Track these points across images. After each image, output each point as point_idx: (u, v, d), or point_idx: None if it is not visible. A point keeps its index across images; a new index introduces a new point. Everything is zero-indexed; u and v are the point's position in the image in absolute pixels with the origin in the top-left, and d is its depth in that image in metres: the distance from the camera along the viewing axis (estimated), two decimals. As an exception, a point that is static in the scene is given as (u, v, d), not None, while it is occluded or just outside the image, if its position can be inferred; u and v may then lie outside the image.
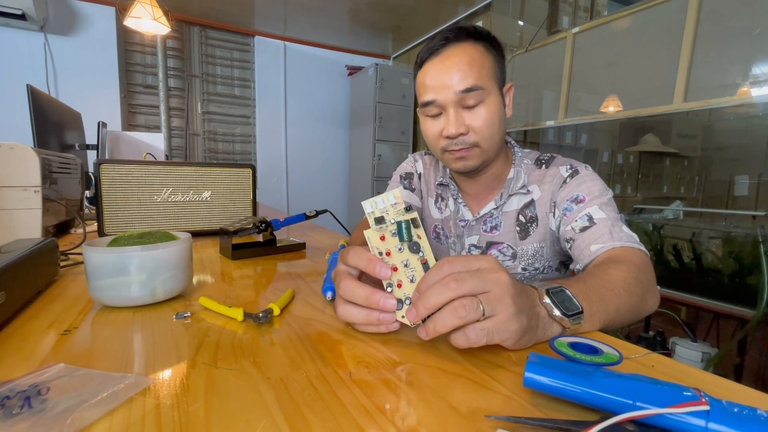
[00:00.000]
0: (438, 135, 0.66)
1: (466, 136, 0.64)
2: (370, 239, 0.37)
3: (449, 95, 0.62)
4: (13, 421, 0.24)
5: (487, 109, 0.63)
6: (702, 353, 1.47)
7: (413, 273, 0.36)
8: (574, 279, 0.45)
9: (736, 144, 2.66)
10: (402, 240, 0.36)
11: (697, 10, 1.61)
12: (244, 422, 0.25)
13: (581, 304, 0.38)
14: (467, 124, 0.64)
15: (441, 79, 0.62)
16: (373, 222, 0.37)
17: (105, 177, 0.80)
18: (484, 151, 0.66)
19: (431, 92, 0.64)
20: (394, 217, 0.37)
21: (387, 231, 0.37)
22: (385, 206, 0.37)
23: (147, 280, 0.44)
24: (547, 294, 0.38)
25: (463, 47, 0.63)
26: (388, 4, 2.92)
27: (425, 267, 0.36)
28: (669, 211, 2.35)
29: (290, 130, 3.67)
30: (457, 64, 0.62)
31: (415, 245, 0.37)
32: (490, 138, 0.65)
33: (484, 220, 0.74)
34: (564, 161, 0.71)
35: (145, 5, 2.13)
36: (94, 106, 2.76)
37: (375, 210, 0.37)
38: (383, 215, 0.37)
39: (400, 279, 0.36)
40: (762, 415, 0.22)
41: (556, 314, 0.37)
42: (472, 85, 0.61)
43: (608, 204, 0.62)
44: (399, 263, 0.37)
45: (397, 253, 0.37)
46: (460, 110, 0.63)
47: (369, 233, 0.37)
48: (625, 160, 3.05)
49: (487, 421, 0.26)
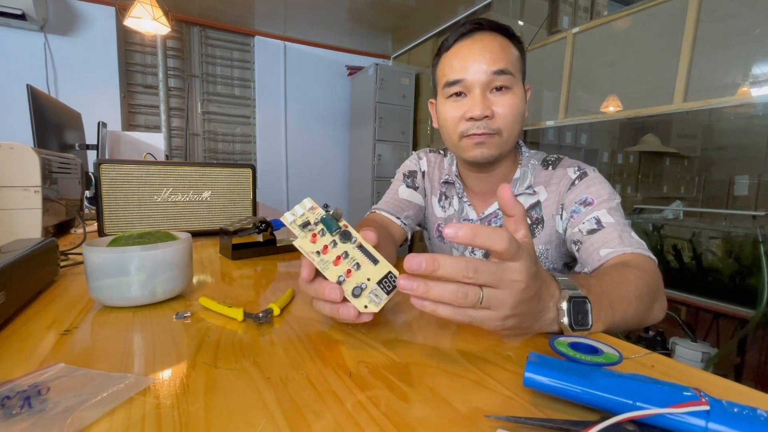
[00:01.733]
0: (459, 118, 0.65)
1: (491, 120, 0.63)
2: (302, 247, 0.38)
3: (479, 75, 0.61)
4: (13, 421, 0.24)
5: (514, 96, 0.63)
6: (702, 353, 1.47)
7: (355, 260, 0.37)
8: (593, 278, 0.44)
9: (736, 144, 2.66)
10: (331, 231, 0.38)
11: (697, 10, 1.61)
12: (244, 422, 0.25)
13: (592, 320, 0.38)
14: (493, 109, 0.63)
15: (473, 57, 0.62)
16: (299, 229, 0.38)
17: (105, 177, 0.80)
18: (504, 141, 0.65)
19: (459, 71, 0.63)
20: (316, 217, 0.39)
21: (316, 231, 0.38)
22: (303, 212, 0.39)
23: (147, 280, 0.44)
24: (568, 301, 0.37)
25: (494, 36, 0.63)
26: (388, 4, 2.92)
27: (362, 250, 0.37)
28: (669, 211, 2.35)
29: (290, 130, 3.67)
30: (489, 46, 0.62)
31: (346, 233, 0.38)
32: (512, 127, 0.64)
33: (489, 220, 0.73)
34: (572, 163, 0.70)
35: (145, 5, 2.13)
36: (94, 106, 2.75)
37: (297, 218, 0.38)
38: (306, 220, 0.38)
39: (347, 268, 0.37)
40: (762, 415, 0.22)
41: (564, 321, 0.37)
42: (504, 68, 0.61)
43: (616, 209, 0.62)
44: (339, 254, 0.37)
45: (333, 248, 0.38)
46: (486, 93, 0.63)
47: (298, 242, 0.38)
48: (625, 160, 3.04)
49: (487, 421, 0.26)
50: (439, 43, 0.68)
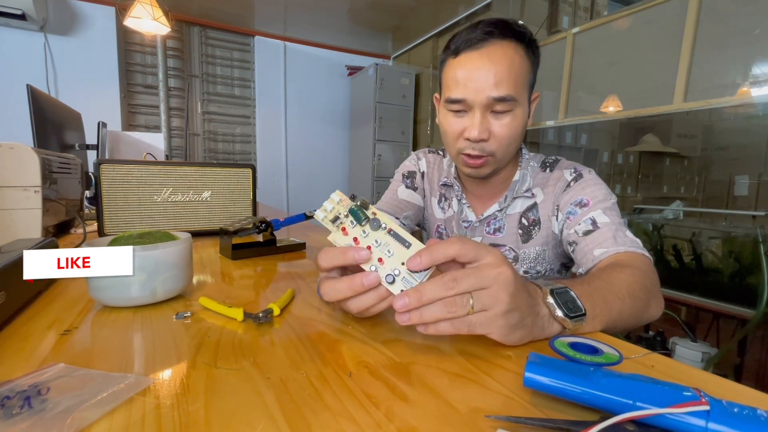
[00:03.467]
0: (458, 134, 0.64)
1: (487, 143, 0.63)
2: (335, 240, 0.38)
3: (480, 98, 0.59)
4: (13, 421, 0.24)
5: (514, 120, 0.62)
6: (702, 353, 1.47)
7: (387, 247, 0.37)
8: (579, 281, 0.45)
9: (736, 144, 2.66)
10: (360, 222, 0.38)
11: (697, 10, 1.61)
12: (244, 422, 0.25)
13: (584, 306, 0.38)
14: (491, 131, 0.62)
15: (476, 78, 0.59)
16: (330, 225, 0.38)
17: (105, 177, 0.80)
18: (499, 160, 0.65)
19: (461, 89, 0.61)
20: (345, 210, 0.38)
21: (346, 224, 0.38)
22: (333, 207, 0.39)
23: (147, 280, 0.44)
24: (551, 294, 0.38)
25: (505, 47, 0.59)
26: (388, 4, 2.92)
27: (393, 235, 0.37)
28: (669, 211, 2.35)
29: (290, 130, 3.67)
30: (496, 66, 0.58)
31: (375, 221, 0.38)
32: (507, 149, 0.64)
33: (488, 222, 0.74)
34: (568, 164, 0.71)
35: (145, 5, 2.13)
36: (94, 106, 2.75)
37: (327, 214, 0.39)
38: (336, 215, 0.38)
39: (379, 257, 0.37)
40: (762, 415, 0.22)
41: (558, 314, 0.37)
42: (506, 95, 0.59)
43: (612, 209, 0.62)
44: (370, 243, 0.37)
45: (364, 238, 0.38)
46: (487, 114, 0.61)
47: (332, 236, 0.38)
48: (625, 160, 3.05)
49: (487, 421, 0.26)
50: (447, 40, 0.65)
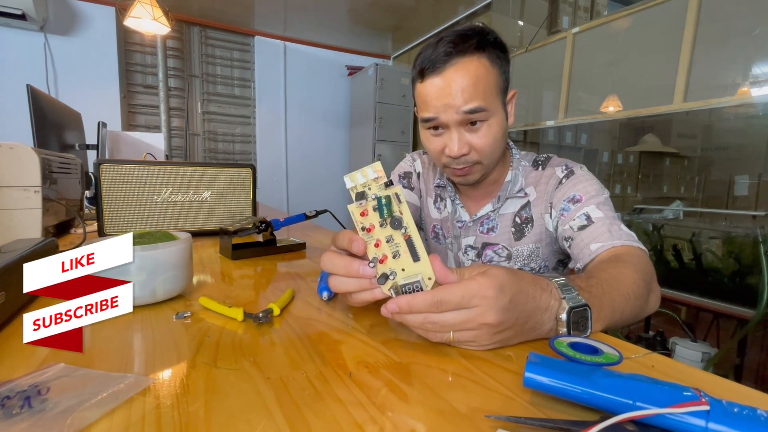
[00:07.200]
0: (440, 151, 0.65)
1: (468, 155, 0.63)
2: (353, 214, 0.37)
3: (452, 115, 0.60)
4: (13, 421, 0.24)
5: (490, 129, 0.62)
6: (702, 353, 1.47)
7: (397, 248, 0.36)
8: (594, 281, 0.43)
9: (736, 144, 2.65)
10: (382, 216, 0.36)
11: (697, 10, 1.61)
12: (244, 422, 0.25)
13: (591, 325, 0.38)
14: (470, 143, 0.62)
15: (443, 99, 0.59)
16: (354, 197, 0.36)
17: (105, 177, 0.80)
18: (486, 166, 0.66)
19: (432, 110, 0.61)
20: (376, 192, 0.36)
21: (368, 206, 0.36)
22: (365, 180, 0.36)
23: (147, 280, 0.44)
24: (568, 313, 0.36)
25: (466, 64, 0.58)
26: (388, 4, 2.92)
27: (409, 243, 0.35)
28: (669, 211, 2.35)
29: (290, 130, 3.67)
30: (460, 84, 0.58)
31: (397, 221, 0.36)
32: (491, 155, 0.65)
33: (481, 222, 0.74)
34: (559, 162, 0.71)
35: (145, 5, 2.13)
36: (94, 106, 2.75)
37: (356, 185, 0.36)
38: (365, 190, 0.36)
39: (384, 254, 0.36)
40: (762, 415, 0.22)
41: (562, 332, 0.37)
42: (476, 107, 0.59)
43: (605, 203, 0.62)
44: (382, 238, 0.36)
45: (380, 229, 0.36)
46: (462, 130, 0.62)
47: (351, 208, 0.37)
48: (625, 160, 3.05)
49: (487, 421, 0.26)
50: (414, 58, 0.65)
